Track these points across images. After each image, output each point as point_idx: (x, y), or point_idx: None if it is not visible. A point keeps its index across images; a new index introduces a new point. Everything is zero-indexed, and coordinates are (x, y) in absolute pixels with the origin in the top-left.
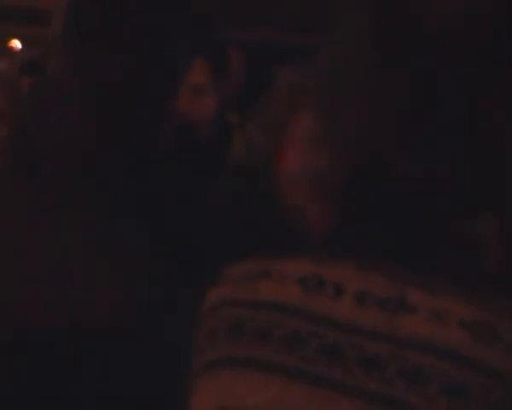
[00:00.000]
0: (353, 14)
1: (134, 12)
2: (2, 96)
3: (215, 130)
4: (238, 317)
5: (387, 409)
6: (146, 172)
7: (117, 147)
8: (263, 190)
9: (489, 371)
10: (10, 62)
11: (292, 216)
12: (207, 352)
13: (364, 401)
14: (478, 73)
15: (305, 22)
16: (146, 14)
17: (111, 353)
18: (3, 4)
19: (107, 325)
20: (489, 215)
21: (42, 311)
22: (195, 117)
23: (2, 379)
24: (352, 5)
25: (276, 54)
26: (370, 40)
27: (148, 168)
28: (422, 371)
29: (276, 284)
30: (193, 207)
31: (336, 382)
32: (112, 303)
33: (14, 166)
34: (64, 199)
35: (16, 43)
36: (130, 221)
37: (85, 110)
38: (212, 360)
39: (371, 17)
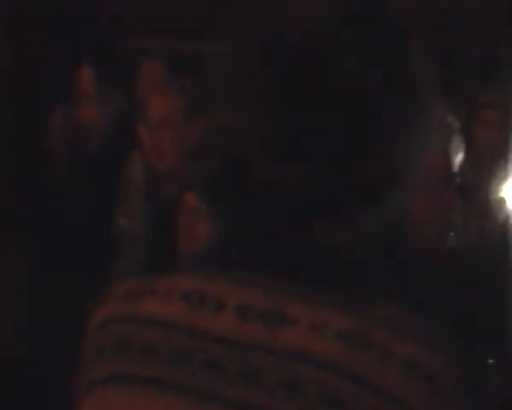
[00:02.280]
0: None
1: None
2: None
3: (107, 140)
4: (124, 334)
5: None
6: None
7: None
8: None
9: (362, 379)
10: None
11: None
12: (93, 370)
13: None
14: (342, 74)
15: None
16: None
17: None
18: None
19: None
20: (366, 218)
21: None
22: (84, 125)
23: None
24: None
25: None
26: (244, 44)
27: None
28: (300, 382)
29: (161, 301)
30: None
31: (220, 396)
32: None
33: None
34: None
35: None
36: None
37: None
38: (98, 378)
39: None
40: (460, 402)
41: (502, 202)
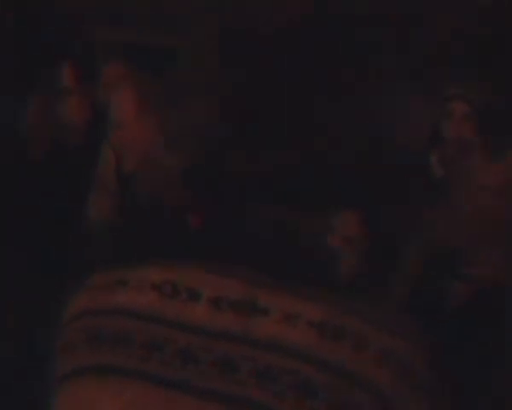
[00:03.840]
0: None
1: None
2: None
3: (87, 135)
4: (96, 326)
5: (239, 408)
6: (16, 184)
7: None
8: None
9: (334, 368)
10: None
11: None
12: (66, 363)
13: (217, 402)
14: (312, 70)
15: (168, 23)
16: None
17: None
18: None
19: None
20: (339, 211)
21: None
22: (65, 120)
23: None
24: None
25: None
26: (215, 42)
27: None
28: (272, 371)
29: (133, 292)
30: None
31: (190, 384)
32: None
33: None
34: None
35: None
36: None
37: None
38: (70, 371)
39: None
40: (430, 390)
41: None
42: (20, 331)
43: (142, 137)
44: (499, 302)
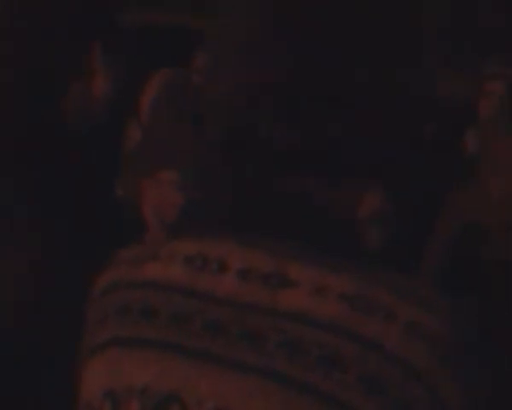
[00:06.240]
0: None
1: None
2: None
3: (109, 114)
4: (126, 298)
5: (268, 380)
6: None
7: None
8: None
9: (365, 341)
10: None
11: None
12: (96, 335)
13: (247, 374)
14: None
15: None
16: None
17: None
18: None
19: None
20: (373, 188)
21: None
22: (87, 99)
23: None
24: None
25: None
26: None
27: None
28: (301, 343)
29: (163, 265)
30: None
31: (221, 356)
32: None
33: None
34: None
35: None
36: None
37: None
38: (100, 343)
39: None
40: (459, 362)
41: None
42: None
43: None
44: None
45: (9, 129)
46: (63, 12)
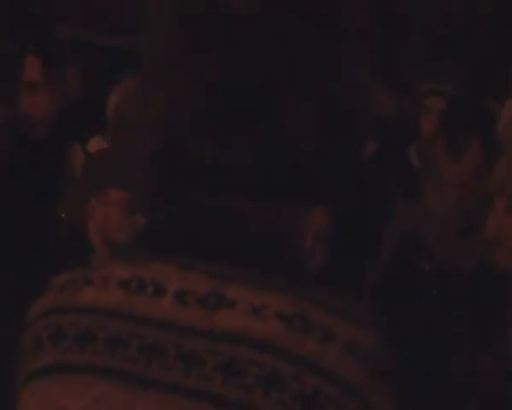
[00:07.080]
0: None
1: None
2: None
3: (52, 131)
4: (60, 324)
5: (206, 404)
6: None
7: None
8: None
9: (302, 360)
10: None
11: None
12: (31, 362)
13: (184, 398)
14: (274, 60)
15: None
16: None
17: None
18: None
19: None
20: (308, 206)
21: None
22: (29, 115)
23: None
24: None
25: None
26: (178, 28)
27: None
28: (238, 363)
29: (98, 290)
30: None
31: (157, 380)
32: None
33: None
34: None
35: None
36: None
37: None
38: (35, 370)
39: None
40: (392, 377)
41: None
42: None
43: None
44: (461, 290)
45: None
46: None
